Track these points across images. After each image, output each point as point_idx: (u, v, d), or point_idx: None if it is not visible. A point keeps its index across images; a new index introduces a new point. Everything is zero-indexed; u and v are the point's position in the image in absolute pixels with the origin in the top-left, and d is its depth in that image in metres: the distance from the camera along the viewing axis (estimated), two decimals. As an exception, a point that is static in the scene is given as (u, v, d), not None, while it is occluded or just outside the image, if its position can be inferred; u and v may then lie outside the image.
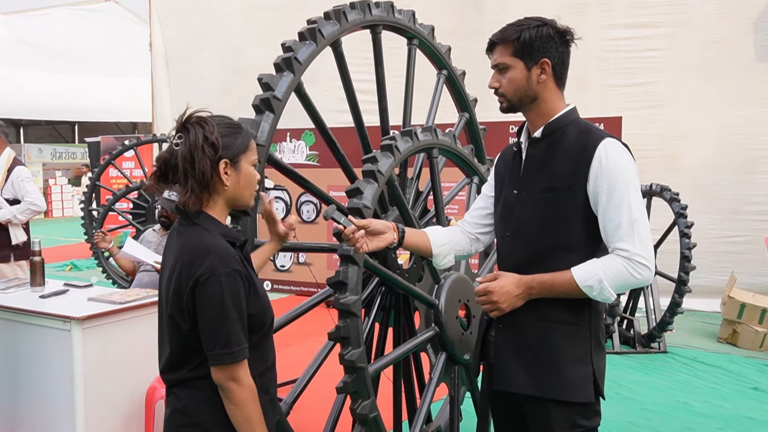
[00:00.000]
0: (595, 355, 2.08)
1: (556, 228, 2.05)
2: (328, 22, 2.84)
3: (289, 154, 8.37)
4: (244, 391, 1.75)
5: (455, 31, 8.03)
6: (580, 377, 2.05)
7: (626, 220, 1.95)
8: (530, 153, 2.14)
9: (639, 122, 7.55)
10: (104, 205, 8.34)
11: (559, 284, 2.01)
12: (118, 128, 20.51)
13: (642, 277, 1.96)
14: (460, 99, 3.75)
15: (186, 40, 11.19)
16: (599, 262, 1.98)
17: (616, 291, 1.98)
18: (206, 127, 1.78)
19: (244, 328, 1.76)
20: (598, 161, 1.97)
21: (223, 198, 1.85)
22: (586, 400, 2.06)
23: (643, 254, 1.95)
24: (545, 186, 2.07)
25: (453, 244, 2.36)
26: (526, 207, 2.12)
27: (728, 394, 4.92)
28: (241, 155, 1.84)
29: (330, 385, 2.73)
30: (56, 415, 3.28)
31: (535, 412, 2.09)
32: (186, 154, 1.76)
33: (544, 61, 2.05)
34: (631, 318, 6.22)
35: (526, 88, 2.07)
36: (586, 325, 2.07)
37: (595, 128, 2.08)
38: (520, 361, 2.10)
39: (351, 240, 2.12)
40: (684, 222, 5.82)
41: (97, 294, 3.63)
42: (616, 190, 1.95)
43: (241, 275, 1.75)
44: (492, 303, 2.06)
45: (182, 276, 1.74)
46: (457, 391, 3.08)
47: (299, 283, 8.26)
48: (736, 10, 7.64)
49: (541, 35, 2.04)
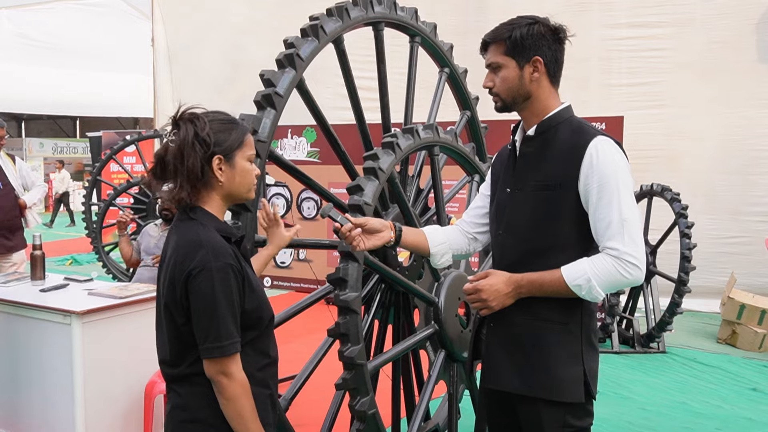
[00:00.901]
0: (586, 355, 2.06)
1: (548, 226, 2.05)
2: (330, 19, 2.84)
3: (291, 150, 8.37)
4: (236, 385, 1.75)
5: (458, 29, 8.02)
6: (571, 377, 2.04)
7: (616, 218, 1.93)
8: (523, 151, 2.14)
9: (641, 122, 7.55)
10: (105, 200, 8.34)
11: (549, 283, 2.00)
12: (120, 123, 20.51)
13: (632, 277, 1.95)
14: (462, 97, 3.75)
15: (188, 35, 11.19)
16: (588, 261, 1.97)
17: (605, 290, 1.97)
18: (197, 123, 1.79)
19: (236, 322, 1.76)
20: (588, 159, 1.97)
21: (219, 193, 1.85)
22: (576, 400, 2.04)
23: (633, 253, 1.93)
24: (538, 184, 2.06)
25: (450, 244, 2.36)
26: (518, 205, 2.11)
27: (727, 394, 4.93)
28: (235, 151, 1.84)
29: (329, 382, 2.73)
30: (56, 408, 3.29)
31: (526, 411, 2.09)
32: (176, 151, 1.77)
33: (536, 59, 2.04)
34: (630, 318, 6.22)
35: (519, 87, 2.07)
36: (577, 324, 2.06)
37: (588, 126, 2.08)
38: (510, 359, 2.10)
39: (348, 238, 2.13)
40: (684, 222, 5.82)
41: (97, 288, 3.64)
42: (606, 189, 1.94)
43: (234, 269, 1.75)
44: (482, 301, 2.06)
45: (176, 269, 1.75)
46: (455, 389, 3.08)
47: (299, 279, 8.27)
48: (738, 11, 7.63)
49: (533, 33, 2.03)
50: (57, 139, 22.08)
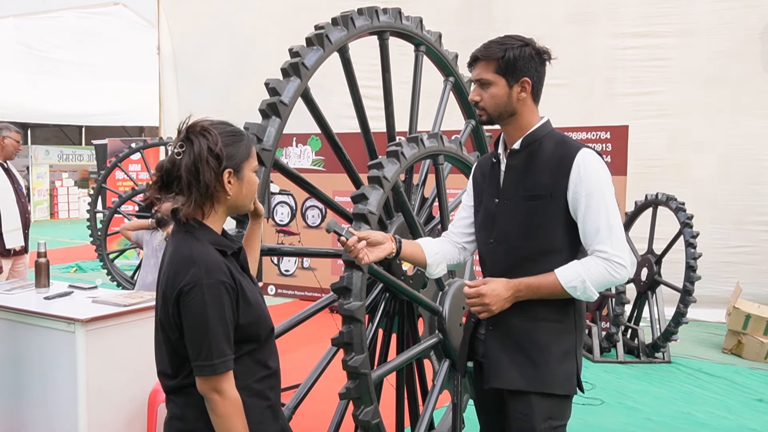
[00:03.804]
0: (578, 351, 2.25)
1: (538, 234, 2.18)
2: (335, 28, 2.84)
3: (295, 158, 8.38)
4: (227, 403, 1.74)
5: (462, 38, 8.02)
6: (566, 371, 2.20)
7: (604, 224, 2.09)
8: (510, 164, 2.25)
9: (645, 131, 7.55)
10: (110, 208, 8.36)
11: (545, 286, 2.14)
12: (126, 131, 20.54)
13: (620, 276, 2.11)
14: (467, 106, 3.75)
15: (194, 44, 11.23)
16: (581, 264, 2.13)
17: (597, 290, 2.12)
18: (210, 137, 1.77)
19: (229, 339, 1.74)
20: (576, 170, 2.11)
21: (224, 206, 1.85)
22: (570, 392, 2.22)
23: (620, 255, 2.10)
24: (526, 194, 2.19)
25: (444, 254, 2.47)
26: (508, 215, 2.23)
27: (732, 405, 4.90)
28: (243, 163, 1.84)
29: (333, 391, 2.72)
30: (59, 416, 3.29)
31: (518, 405, 2.20)
32: (190, 166, 1.75)
33: (524, 80, 2.18)
34: (635, 327, 6.20)
35: (506, 104, 2.20)
36: (571, 322, 2.22)
37: (570, 139, 2.22)
38: (510, 358, 2.22)
39: (353, 251, 2.18)
40: (690, 232, 5.81)
41: (101, 296, 3.64)
42: (593, 197, 2.10)
43: (226, 286, 1.74)
44: (483, 305, 2.17)
45: (167, 285, 1.75)
46: (460, 399, 3.07)
47: (303, 288, 8.26)
48: (743, 21, 7.63)
49: (524, 55, 2.16)
50: (63, 146, 22.12)
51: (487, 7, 8.74)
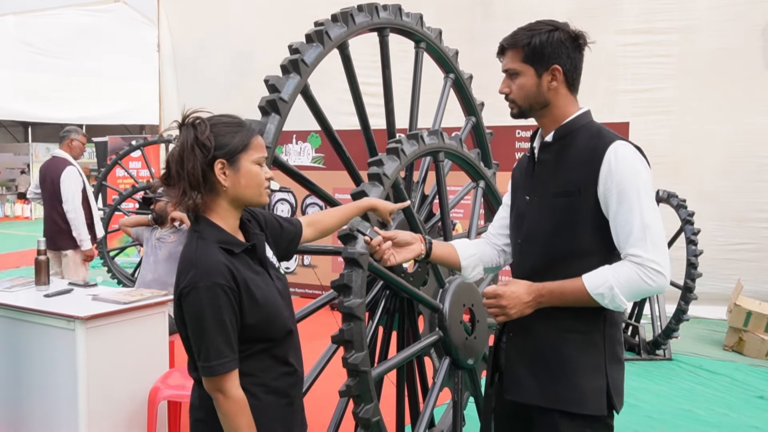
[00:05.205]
0: (609, 366, 1.99)
1: (567, 234, 1.99)
2: (335, 25, 2.83)
3: (295, 156, 8.38)
4: (230, 403, 1.74)
5: (463, 34, 8.01)
6: (592, 388, 1.96)
7: (638, 225, 1.87)
8: (541, 158, 2.08)
9: (647, 128, 7.52)
10: (110, 205, 8.35)
11: (570, 292, 1.93)
12: (126, 129, 20.53)
13: (656, 284, 1.88)
14: (467, 103, 3.74)
15: (194, 41, 11.22)
16: (611, 269, 1.91)
17: (628, 299, 1.90)
18: (198, 127, 1.77)
19: (229, 340, 1.73)
20: (607, 164, 1.91)
21: (224, 199, 1.82)
22: (598, 413, 1.96)
23: (656, 260, 1.87)
24: (556, 191, 2.01)
25: (481, 256, 2.32)
26: (537, 213, 2.07)
27: (734, 402, 4.90)
28: (239, 154, 1.80)
29: (333, 389, 2.72)
30: (59, 414, 3.29)
31: (544, 423, 2.02)
32: (176, 156, 1.77)
33: (555, 68, 1.99)
34: (636, 324, 6.19)
35: (537, 95, 2.02)
36: (600, 334, 1.99)
37: (607, 131, 2.01)
38: (530, 370, 2.04)
39: (378, 252, 2.07)
40: (691, 229, 5.80)
41: (101, 294, 3.64)
42: (626, 195, 1.88)
43: (224, 288, 1.72)
44: (500, 307, 1.96)
45: (175, 286, 1.79)
46: (460, 396, 3.06)
47: (303, 285, 8.25)
48: (745, 18, 7.61)
49: (552, 41, 1.98)
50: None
51: (487, 4, 8.72)
